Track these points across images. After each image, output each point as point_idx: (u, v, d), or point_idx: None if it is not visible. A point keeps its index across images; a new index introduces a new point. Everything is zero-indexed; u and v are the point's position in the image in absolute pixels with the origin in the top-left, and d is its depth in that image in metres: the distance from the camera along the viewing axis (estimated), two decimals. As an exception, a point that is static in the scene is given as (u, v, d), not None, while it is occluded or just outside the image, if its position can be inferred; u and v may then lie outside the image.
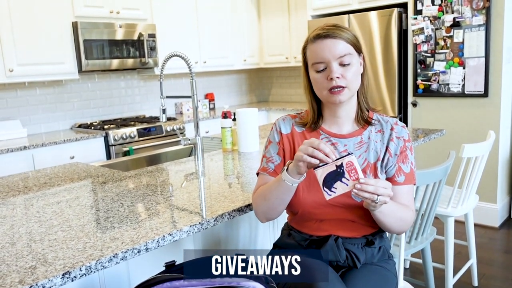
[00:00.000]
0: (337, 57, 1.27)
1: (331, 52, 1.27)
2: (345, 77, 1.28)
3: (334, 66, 1.27)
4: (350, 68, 1.29)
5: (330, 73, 1.28)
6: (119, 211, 1.46)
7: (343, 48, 1.28)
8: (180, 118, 4.19)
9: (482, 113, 3.36)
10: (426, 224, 1.98)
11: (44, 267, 1.06)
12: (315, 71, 1.31)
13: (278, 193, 1.29)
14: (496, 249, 3.08)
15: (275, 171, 1.40)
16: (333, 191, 1.16)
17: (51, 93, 3.77)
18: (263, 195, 1.34)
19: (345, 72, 1.28)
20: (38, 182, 1.94)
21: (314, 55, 1.30)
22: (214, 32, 4.64)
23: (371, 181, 1.14)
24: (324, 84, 1.30)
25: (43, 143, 3.16)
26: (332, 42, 1.27)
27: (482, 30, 3.24)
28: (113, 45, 3.70)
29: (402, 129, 1.39)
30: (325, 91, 1.31)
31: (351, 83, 1.30)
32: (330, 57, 1.27)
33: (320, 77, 1.30)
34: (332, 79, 1.27)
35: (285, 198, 1.30)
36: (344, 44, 1.28)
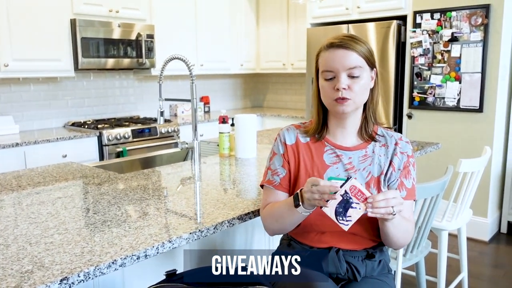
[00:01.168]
0: (347, 68, 1.27)
1: (341, 62, 1.27)
2: (352, 89, 1.28)
3: (342, 77, 1.27)
4: (359, 81, 1.28)
5: (337, 84, 1.27)
6: (116, 215, 1.43)
7: (354, 60, 1.27)
8: (175, 120, 4.16)
9: (476, 128, 3.39)
10: (422, 238, 1.98)
11: (41, 271, 1.04)
12: (324, 79, 1.31)
13: (291, 220, 1.30)
14: (485, 263, 3.09)
15: (281, 184, 1.39)
16: (349, 220, 1.15)
17: (45, 90, 3.72)
18: (275, 217, 1.34)
19: (353, 84, 1.28)
20: (32, 181, 1.91)
21: (324, 63, 1.30)
22: (212, 36, 4.63)
23: (379, 196, 1.13)
24: (330, 93, 1.30)
25: (36, 141, 3.12)
26: (344, 53, 1.27)
27: (479, 46, 3.27)
28: (111, 44, 3.67)
29: (406, 144, 1.39)
30: (330, 100, 1.31)
31: (356, 96, 1.29)
32: (339, 67, 1.27)
33: (327, 85, 1.30)
34: (338, 89, 1.27)
35: (297, 222, 1.32)
36: (356, 57, 1.28)
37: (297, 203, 1.23)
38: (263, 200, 1.43)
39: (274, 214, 1.34)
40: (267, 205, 1.40)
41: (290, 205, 1.26)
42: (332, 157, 1.37)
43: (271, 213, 1.35)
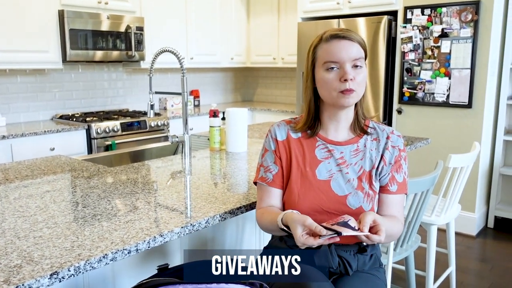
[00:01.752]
0: (352, 59, 1.26)
1: (347, 53, 1.25)
2: (356, 81, 1.27)
3: (348, 68, 1.26)
4: (361, 72, 1.28)
5: (344, 74, 1.25)
6: (106, 209, 1.42)
7: (358, 51, 1.27)
8: (164, 114, 4.13)
9: (465, 124, 3.42)
10: (412, 232, 1.99)
11: (30, 266, 1.02)
12: (326, 71, 1.28)
13: (281, 234, 1.31)
14: (473, 257, 3.13)
15: (274, 181, 1.39)
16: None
17: (32, 82, 3.66)
18: (266, 226, 1.34)
19: (357, 75, 1.27)
20: (19, 174, 1.88)
21: (328, 54, 1.27)
22: (202, 29, 4.59)
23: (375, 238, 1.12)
24: (335, 84, 1.27)
25: (23, 133, 3.07)
26: (349, 44, 1.26)
27: (469, 43, 3.29)
28: (99, 36, 3.62)
29: (398, 138, 1.39)
30: (335, 92, 1.27)
31: (359, 87, 1.28)
32: (346, 58, 1.26)
33: (332, 77, 1.27)
34: (346, 80, 1.25)
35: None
36: (358, 47, 1.28)
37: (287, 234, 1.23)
38: (258, 198, 1.42)
39: (265, 225, 1.34)
40: (261, 208, 1.39)
41: (279, 230, 1.25)
42: (324, 152, 1.36)
43: (264, 222, 1.35)
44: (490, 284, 2.74)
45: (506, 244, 3.35)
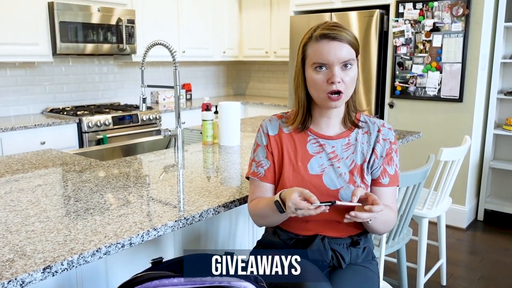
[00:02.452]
0: (341, 61, 1.25)
1: (336, 55, 1.24)
2: (344, 82, 1.27)
3: (337, 70, 1.25)
4: (350, 73, 1.27)
5: (332, 77, 1.25)
6: (99, 203, 1.41)
7: (348, 53, 1.25)
8: (156, 108, 4.11)
9: (456, 118, 3.45)
10: (404, 225, 2.01)
11: (23, 260, 1.01)
12: (315, 71, 1.28)
13: (277, 219, 1.33)
14: (463, 250, 3.17)
15: (266, 176, 1.39)
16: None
17: (22, 75, 3.62)
18: (260, 216, 1.35)
19: (345, 77, 1.26)
20: (10, 168, 1.86)
21: (317, 55, 1.26)
22: (194, 22, 4.56)
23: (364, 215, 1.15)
24: (323, 86, 1.27)
25: (13, 127, 3.04)
26: (339, 46, 1.24)
27: (460, 37, 3.31)
28: (90, 29, 3.58)
29: (389, 131, 1.40)
30: (323, 94, 1.28)
31: (348, 88, 1.28)
32: (334, 60, 1.24)
33: (319, 78, 1.27)
34: (333, 82, 1.25)
35: (283, 220, 1.34)
36: (349, 48, 1.26)
37: (281, 210, 1.24)
38: (250, 192, 1.42)
39: (259, 213, 1.34)
40: (253, 200, 1.39)
41: (274, 209, 1.26)
42: (315, 147, 1.36)
43: (256, 211, 1.35)
44: (480, 276, 2.78)
45: (496, 236, 3.39)
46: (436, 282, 2.70)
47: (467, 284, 2.68)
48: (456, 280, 2.73)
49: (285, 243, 1.38)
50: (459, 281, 2.71)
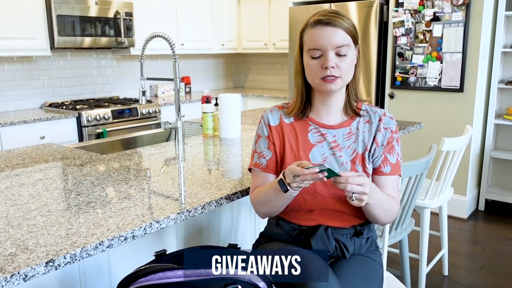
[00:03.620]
0: (335, 46, 1.25)
1: (329, 41, 1.24)
2: (340, 68, 1.26)
3: (330, 55, 1.25)
4: (346, 59, 1.26)
5: (326, 62, 1.25)
6: (101, 196, 1.40)
7: (342, 38, 1.25)
8: (156, 101, 4.09)
9: (457, 108, 3.43)
10: (406, 216, 2.00)
11: (25, 254, 1.00)
12: (310, 57, 1.28)
13: (281, 202, 1.30)
14: (464, 240, 3.17)
15: (268, 166, 1.38)
16: None
17: (20, 70, 3.60)
18: (263, 202, 1.33)
19: (340, 63, 1.26)
20: (10, 163, 1.85)
21: (311, 41, 1.27)
22: (192, 15, 4.53)
23: (342, 178, 1.15)
24: (317, 72, 1.27)
25: (12, 122, 3.02)
26: (332, 31, 1.24)
27: (460, 26, 3.29)
28: (88, 22, 3.56)
29: (390, 120, 1.39)
30: (317, 79, 1.28)
31: (344, 74, 1.28)
32: (328, 45, 1.24)
33: (314, 64, 1.27)
34: (326, 68, 1.25)
35: (286, 203, 1.32)
36: (343, 34, 1.25)
37: (284, 188, 1.22)
38: (252, 183, 1.42)
39: (262, 199, 1.33)
40: (256, 188, 1.38)
41: (277, 190, 1.25)
42: (317, 136, 1.36)
43: (259, 198, 1.34)
44: (482, 266, 2.78)
45: (497, 226, 3.39)
46: (438, 272, 2.70)
47: (468, 273, 2.69)
48: (458, 270, 2.73)
49: (288, 234, 1.37)
50: (461, 271, 2.72)
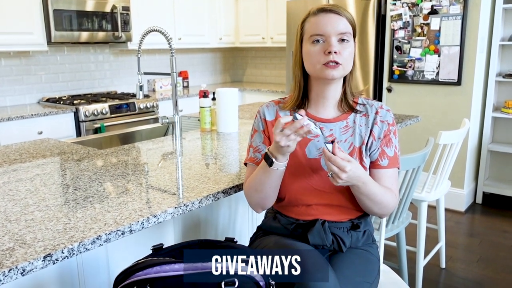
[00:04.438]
0: (338, 32, 1.25)
1: (333, 27, 1.24)
2: (342, 55, 1.26)
3: (334, 40, 1.25)
4: (348, 47, 1.27)
5: (329, 47, 1.24)
6: (98, 191, 1.40)
7: (345, 26, 1.26)
8: (153, 96, 4.09)
9: (455, 101, 3.44)
10: (403, 209, 2.01)
11: (23, 249, 1.01)
12: (312, 43, 1.27)
13: (270, 182, 1.29)
14: (461, 232, 3.19)
15: None
16: None
17: (17, 65, 3.59)
18: (254, 187, 1.33)
19: (343, 50, 1.26)
20: (8, 158, 1.85)
21: (314, 27, 1.27)
22: (190, 9, 4.51)
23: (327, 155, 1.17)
24: (320, 57, 1.26)
25: (9, 117, 3.02)
26: (336, 18, 1.26)
27: (458, 19, 3.29)
28: (84, 17, 3.54)
29: (387, 113, 1.39)
30: (319, 65, 1.26)
31: (346, 61, 1.27)
32: (331, 31, 1.24)
33: (316, 49, 1.26)
34: (330, 52, 1.24)
35: (277, 184, 1.30)
36: (346, 23, 1.27)
37: (270, 161, 1.23)
38: (245, 177, 1.42)
39: (253, 184, 1.32)
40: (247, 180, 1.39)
41: (264, 168, 1.26)
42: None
43: (250, 185, 1.34)
44: (479, 258, 2.80)
45: (494, 219, 3.41)
46: (435, 265, 2.72)
47: (466, 266, 2.70)
48: (455, 262, 2.75)
49: (285, 228, 1.38)
50: (458, 264, 2.73)
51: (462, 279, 2.56)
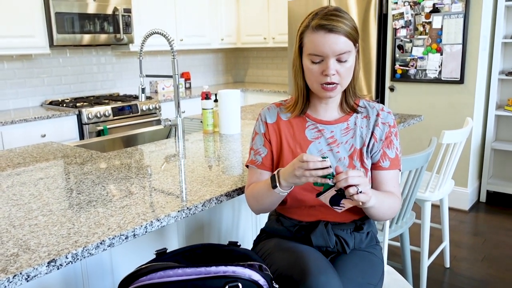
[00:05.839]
0: (337, 53, 1.23)
1: (331, 48, 1.22)
2: (340, 74, 1.26)
3: (331, 63, 1.24)
4: (346, 64, 1.26)
5: (326, 69, 1.24)
6: (101, 195, 1.40)
7: (344, 46, 1.23)
8: (156, 97, 4.09)
9: (457, 100, 3.43)
10: (407, 209, 2.01)
11: (27, 254, 1.01)
12: (311, 62, 1.27)
13: (270, 200, 1.30)
14: (466, 231, 3.18)
15: (263, 163, 1.39)
16: (342, 206, 1.17)
17: (19, 68, 3.60)
18: (255, 198, 1.34)
19: (341, 69, 1.25)
20: (11, 162, 1.85)
21: (312, 47, 1.25)
22: (191, 10, 4.51)
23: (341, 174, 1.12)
24: (318, 77, 1.27)
25: (12, 120, 3.03)
26: (334, 38, 1.22)
27: (460, 18, 3.27)
28: (86, 19, 3.55)
29: (388, 115, 1.39)
30: (316, 84, 1.28)
31: (343, 79, 1.28)
32: (329, 53, 1.23)
33: (314, 69, 1.26)
34: (327, 75, 1.25)
35: (276, 202, 1.32)
36: (345, 40, 1.23)
37: (274, 184, 1.23)
38: (247, 179, 1.43)
39: (255, 194, 1.34)
40: (251, 184, 1.39)
41: (268, 185, 1.26)
42: (314, 132, 1.36)
43: (252, 193, 1.35)
44: (483, 257, 2.79)
45: (498, 217, 3.39)
46: (440, 264, 2.71)
47: (470, 265, 2.70)
48: (459, 261, 2.74)
49: (288, 230, 1.38)
50: (463, 263, 2.73)
51: (467, 279, 2.55)
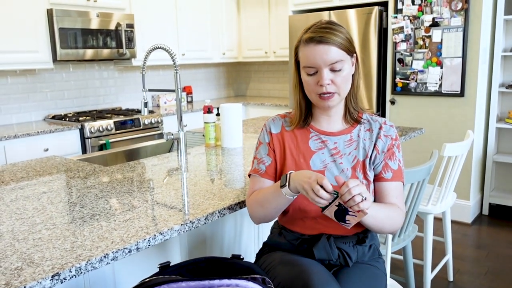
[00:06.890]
0: (328, 63, 1.26)
1: (322, 58, 1.25)
2: (335, 83, 1.28)
3: (325, 73, 1.26)
4: (341, 73, 1.28)
5: (320, 80, 1.27)
6: (104, 209, 1.41)
7: (335, 55, 1.26)
8: (158, 111, 4.12)
9: (458, 113, 3.44)
10: (409, 222, 2.01)
11: (31, 268, 1.01)
12: (306, 74, 1.31)
13: (277, 204, 1.30)
14: (469, 244, 3.17)
15: (267, 172, 1.40)
16: (348, 223, 1.18)
17: (23, 83, 3.63)
18: (260, 202, 1.34)
19: (336, 78, 1.27)
20: (15, 176, 1.86)
21: (305, 59, 1.29)
22: (193, 25, 4.57)
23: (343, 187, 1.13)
24: (314, 88, 1.30)
25: (15, 135, 3.04)
26: (325, 49, 1.25)
27: (460, 31, 3.31)
28: (89, 35, 3.59)
29: (390, 128, 1.40)
30: (314, 95, 1.31)
31: (340, 88, 1.30)
32: (321, 63, 1.26)
33: (310, 80, 1.30)
34: (322, 85, 1.27)
35: (281, 208, 1.32)
36: (336, 50, 1.26)
37: (283, 183, 1.24)
38: (249, 188, 1.43)
39: (260, 198, 1.34)
40: (253, 192, 1.40)
41: (276, 186, 1.27)
42: (318, 143, 1.37)
43: (257, 198, 1.35)
44: (487, 270, 2.77)
45: (501, 230, 3.38)
46: (443, 278, 2.70)
47: (474, 278, 2.68)
48: (463, 275, 2.73)
49: (291, 244, 1.38)
50: (466, 276, 2.71)
51: (470, 292, 2.53)
